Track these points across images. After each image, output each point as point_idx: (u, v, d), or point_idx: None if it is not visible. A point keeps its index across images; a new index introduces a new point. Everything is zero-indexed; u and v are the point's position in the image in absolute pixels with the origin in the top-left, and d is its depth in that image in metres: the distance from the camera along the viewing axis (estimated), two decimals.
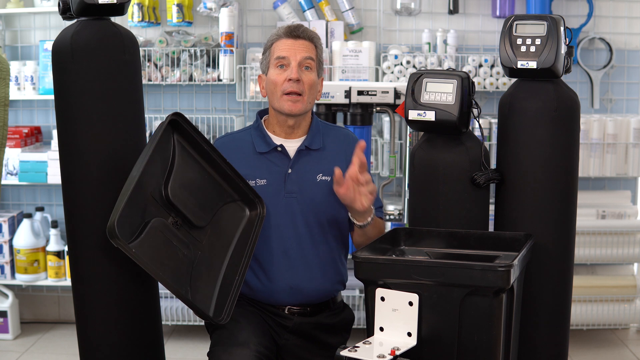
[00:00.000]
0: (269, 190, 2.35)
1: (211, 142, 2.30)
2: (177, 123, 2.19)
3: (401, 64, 3.69)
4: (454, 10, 3.82)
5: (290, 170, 2.38)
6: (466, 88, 2.33)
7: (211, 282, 2.20)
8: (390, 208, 3.56)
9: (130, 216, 2.03)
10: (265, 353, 2.26)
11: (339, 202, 2.39)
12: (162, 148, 2.15)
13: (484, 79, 3.72)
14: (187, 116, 2.23)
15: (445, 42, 3.77)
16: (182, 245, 2.15)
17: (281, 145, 2.39)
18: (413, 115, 2.35)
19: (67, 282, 3.82)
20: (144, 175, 2.07)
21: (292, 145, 2.40)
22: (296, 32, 2.36)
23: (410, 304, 2.01)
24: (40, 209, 3.95)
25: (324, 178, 2.39)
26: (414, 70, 3.30)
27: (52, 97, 2.93)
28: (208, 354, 2.30)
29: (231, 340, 2.25)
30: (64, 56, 2.14)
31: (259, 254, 2.36)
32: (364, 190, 2.23)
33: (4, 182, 3.78)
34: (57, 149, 2.28)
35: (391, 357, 1.95)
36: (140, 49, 3.36)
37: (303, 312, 2.40)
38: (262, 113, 2.49)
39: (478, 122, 2.38)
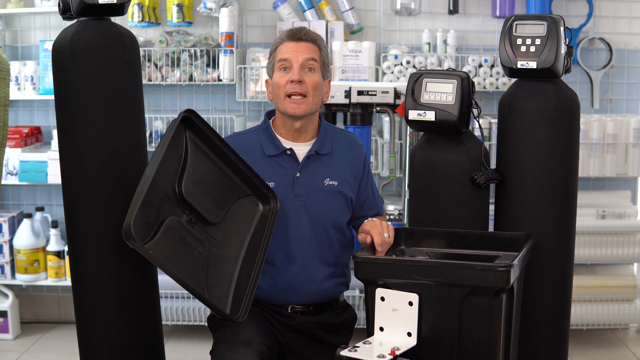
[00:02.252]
0: (276, 193, 2.34)
1: None
2: (189, 120, 2.18)
3: (401, 64, 3.69)
4: (454, 10, 3.82)
5: (298, 174, 2.37)
6: (466, 88, 2.33)
7: (227, 279, 2.19)
8: (390, 208, 3.56)
9: (145, 216, 2.02)
10: (268, 352, 2.26)
11: (345, 206, 2.40)
12: (174, 146, 2.15)
13: (484, 79, 3.72)
14: None
15: (445, 42, 3.77)
16: (197, 243, 2.14)
17: (290, 149, 2.38)
18: (413, 115, 2.36)
19: (67, 282, 3.82)
20: (158, 174, 2.06)
21: (300, 149, 2.40)
22: (298, 35, 2.36)
23: (410, 304, 2.01)
24: (40, 209, 3.95)
25: (331, 182, 2.39)
26: (414, 70, 3.30)
27: (52, 97, 2.93)
28: (211, 352, 2.30)
29: (234, 339, 2.25)
30: (64, 56, 2.14)
31: None
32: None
33: (4, 182, 3.78)
34: (57, 149, 2.28)
35: (391, 357, 1.95)
36: (140, 49, 3.36)
37: (306, 311, 2.40)
38: (271, 114, 2.48)
39: (478, 122, 2.38)
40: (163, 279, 2.48)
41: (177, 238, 2.09)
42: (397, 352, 1.97)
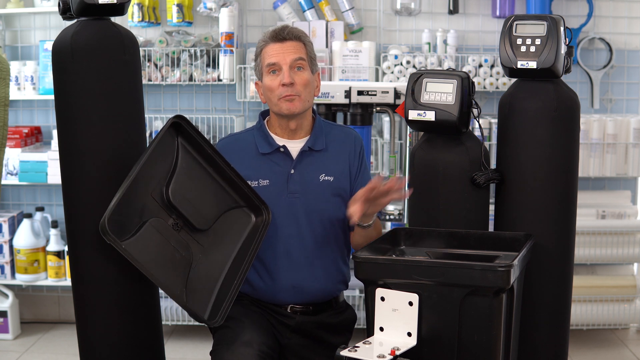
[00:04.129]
0: (271, 191, 2.35)
1: (213, 142, 2.30)
2: (180, 126, 2.19)
3: (401, 64, 3.69)
4: (454, 10, 3.82)
5: (292, 171, 2.38)
6: (466, 88, 2.33)
7: (210, 285, 2.20)
8: (390, 208, 3.56)
9: (126, 214, 2.04)
10: (269, 352, 2.26)
11: (341, 201, 2.40)
12: (164, 150, 2.16)
13: (484, 79, 3.72)
14: (187, 116, 2.23)
15: (445, 42, 3.77)
16: (181, 246, 2.15)
17: (284, 146, 2.39)
18: (413, 115, 2.35)
19: (67, 282, 3.82)
20: (143, 175, 2.08)
21: (294, 146, 2.40)
22: (282, 35, 2.35)
23: (410, 304, 2.01)
24: (40, 209, 3.95)
25: (326, 178, 2.40)
26: (414, 70, 3.30)
27: (52, 97, 2.93)
28: (211, 353, 2.30)
29: (235, 339, 2.25)
30: (64, 56, 2.14)
31: (262, 253, 2.36)
32: (378, 202, 2.23)
33: (4, 182, 3.78)
34: (57, 149, 2.28)
35: (391, 357, 1.95)
36: (140, 49, 3.36)
37: (305, 311, 2.40)
38: (265, 114, 2.49)
39: (478, 122, 2.38)
40: None
41: (158, 239, 2.11)
42: (397, 352, 1.97)
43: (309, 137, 2.42)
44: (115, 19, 2.24)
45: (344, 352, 1.95)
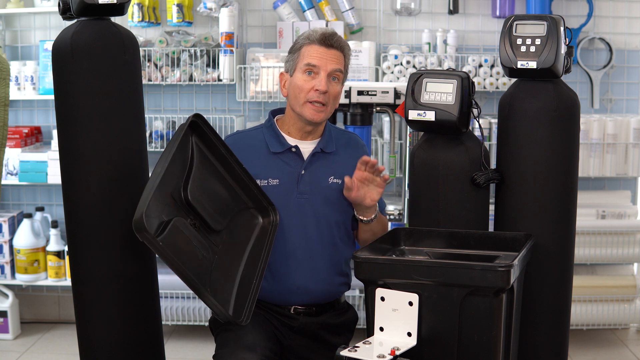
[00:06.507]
0: (281, 190, 2.35)
1: None
2: (196, 125, 2.18)
3: (401, 64, 3.69)
4: (454, 10, 3.82)
5: (303, 172, 2.37)
6: (466, 88, 2.33)
7: (229, 286, 2.19)
8: (390, 208, 3.56)
9: (153, 213, 2.01)
10: (272, 356, 2.26)
11: (348, 205, 2.40)
12: (182, 149, 2.15)
13: (484, 79, 3.72)
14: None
15: (445, 42, 3.77)
16: (202, 246, 2.14)
17: (296, 146, 2.38)
18: (413, 115, 2.36)
19: (67, 282, 3.82)
20: (167, 173, 2.06)
21: (306, 147, 2.40)
22: (330, 41, 2.34)
23: (410, 304, 2.01)
24: (40, 209, 3.95)
25: (335, 180, 2.40)
26: (414, 70, 3.29)
27: (52, 97, 2.93)
28: (214, 357, 2.29)
29: (238, 343, 2.24)
30: (64, 56, 2.14)
31: None
32: (372, 185, 2.33)
33: (4, 182, 3.78)
34: (57, 149, 2.28)
35: (391, 357, 1.95)
36: (140, 49, 3.36)
37: (308, 312, 2.40)
38: (275, 112, 2.48)
39: (478, 122, 2.38)
40: (163, 279, 2.48)
41: (183, 239, 2.09)
42: (397, 352, 1.97)
43: (321, 139, 2.42)
44: (115, 19, 2.24)
45: (344, 352, 1.95)
